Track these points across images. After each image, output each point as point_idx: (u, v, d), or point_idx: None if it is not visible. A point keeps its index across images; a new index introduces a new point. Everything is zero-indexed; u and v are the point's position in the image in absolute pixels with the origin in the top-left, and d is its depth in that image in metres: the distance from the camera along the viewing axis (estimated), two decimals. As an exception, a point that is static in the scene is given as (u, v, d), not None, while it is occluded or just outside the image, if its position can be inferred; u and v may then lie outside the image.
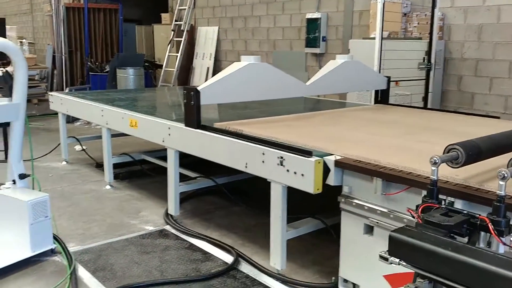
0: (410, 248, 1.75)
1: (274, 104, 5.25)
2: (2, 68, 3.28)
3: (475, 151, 2.22)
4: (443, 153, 2.21)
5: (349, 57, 4.93)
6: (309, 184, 2.94)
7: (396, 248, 1.81)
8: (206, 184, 4.53)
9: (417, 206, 2.00)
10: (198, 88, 3.79)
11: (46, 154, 6.44)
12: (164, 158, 5.51)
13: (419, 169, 2.60)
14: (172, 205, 4.26)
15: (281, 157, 3.10)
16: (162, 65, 10.59)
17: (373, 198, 2.80)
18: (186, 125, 3.92)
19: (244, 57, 4.14)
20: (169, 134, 4.12)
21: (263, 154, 3.23)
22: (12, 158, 3.63)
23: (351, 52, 7.25)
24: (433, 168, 2.02)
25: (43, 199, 3.49)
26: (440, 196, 2.06)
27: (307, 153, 2.98)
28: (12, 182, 3.64)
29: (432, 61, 6.35)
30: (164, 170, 5.21)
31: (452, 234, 1.81)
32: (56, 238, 3.68)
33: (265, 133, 3.55)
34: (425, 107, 6.34)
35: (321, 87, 4.68)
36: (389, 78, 5.39)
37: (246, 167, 3.39)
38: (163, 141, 4.21)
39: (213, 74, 10.39)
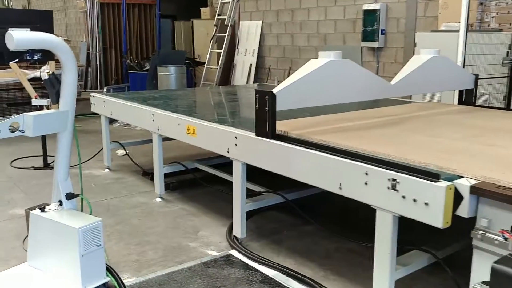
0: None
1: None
2: (48, 70, 2.73)
3: None
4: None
5: (435, 52, 4.25)
6: (436, 216, 2.30)
7: (500, 282, 1.57)
8: (275, 201, 3.92)
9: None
10: (274, 91, 3.18)
11: (87, 160, 5.94)
12: (219, 167, 4.98)
13: None
14: (238, 226, 3.67)
15: (394, 180, 2.46)
16: (202, 63, 10.04)
17: (527, 237, 2.14)
18: (258, 135, 3.32)
19: (323, 53, 3.52)
20: (236, 144, 3.52)
21: (367, 174, 2.59)
22: (59, 174, 3.09)
23: (418, 46, 6.57)
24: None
25: (95, 225, 2.92)
26: None
27: (432, 175, 2.33)
28: (59, 203, 3.10)
29: (518, 55, 5.61)
30: (217, 180, 4.69)
31: None
32: (108, 269, 3.12)
33: (344, 142, 2.92)
34: (508, 108, 5.63)
35: (407, 87, 4.02)
36: (477, 76, 4.69)
37: (340, 188, 2.77)
38: (227, 151, 3.62)
39: (256, 71, 9.80)
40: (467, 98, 4.72)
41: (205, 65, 9.68)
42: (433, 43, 6.28)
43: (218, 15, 9.72)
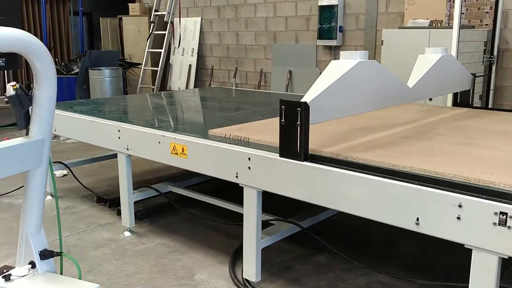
0: None
1: (266, 103, 4.77)
2: (13, 83, 1.90)
3: None
4: None
5: (443, 51, 3.85)
6: None
7: None
8: (290, 231, 3.28)
9: None
10: (307, 101, 2.55)
11: (21, 187, 4.87)
12: (197, 188, 4.26)
13: None
14: (253, 268, 2.98)
15: (504, 214, 1.94)
16: (135, 64, 9.06)
17: None
18: (283, 156, 2.66)
19: (346, 53, 2.96)
20: (249, 168, 2.83)
21: (460, 206, 2.05)
22: (28, 226, 2.23)
23: (385, 43, 6.26)
24: None
25: (93, 297, 2.12)
26: None
27: None
28: (30, 265, 2.24)
29: (495, 53, 5.45)
30: (191, 201, 4.08)
31: None
32: None
33: (415, 164, 2.37)
34: (486, 107, 5.45)
35: (425, 90, 3.58)
36: (474, 75, 4.39)
37: (417, 224, 2.20)
38: (236, 176, 2.92)
39: (196, 73, 9.05)
40: (463, 99, 4.40)
41: (142, 66, 8.72)
42: (402, 40, 6.01)
43: (155, 10, 8.79)
